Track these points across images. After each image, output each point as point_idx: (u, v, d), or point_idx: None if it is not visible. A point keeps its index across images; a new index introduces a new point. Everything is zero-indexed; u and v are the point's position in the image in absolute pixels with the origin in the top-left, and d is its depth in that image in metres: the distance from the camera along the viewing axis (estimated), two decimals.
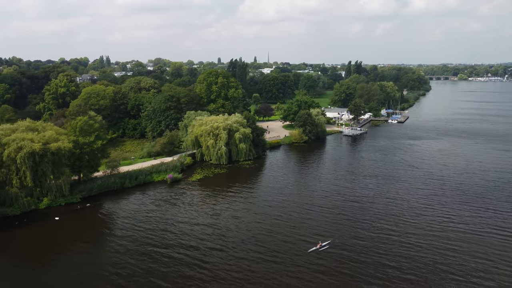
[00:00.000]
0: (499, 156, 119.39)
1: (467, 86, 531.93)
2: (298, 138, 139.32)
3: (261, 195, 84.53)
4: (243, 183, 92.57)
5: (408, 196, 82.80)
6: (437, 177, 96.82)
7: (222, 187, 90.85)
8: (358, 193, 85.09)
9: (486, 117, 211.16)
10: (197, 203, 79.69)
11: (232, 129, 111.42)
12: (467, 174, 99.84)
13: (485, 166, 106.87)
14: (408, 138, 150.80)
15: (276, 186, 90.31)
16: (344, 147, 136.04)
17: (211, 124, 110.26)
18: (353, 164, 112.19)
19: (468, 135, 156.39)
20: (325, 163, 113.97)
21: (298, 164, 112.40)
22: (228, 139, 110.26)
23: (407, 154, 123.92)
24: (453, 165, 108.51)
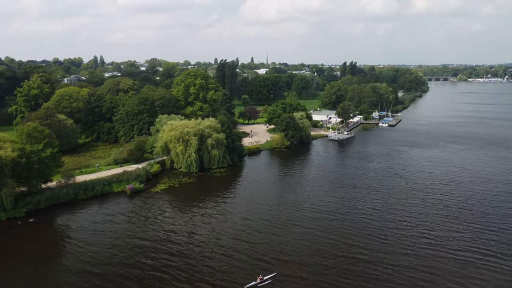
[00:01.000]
0: (490, 164, 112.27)
1: (466, 87, 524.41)
2: (279, 143, 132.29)
3: (226, 208, 77.50)
4: (209, 195, 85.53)
5: (386, 211, 75.67)
6: (421, 188, 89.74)
7: (185, 199, 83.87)
8: (332, 206, 77.99)
9: (481, 120, 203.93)
10: (154, 217, 72.74)
11: (204, 134, 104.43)
12: (454, 184, 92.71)
13: (474, 175, 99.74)
14: (396, 143, 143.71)
15: (244, 198, 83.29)
16: (327, 153, 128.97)
17: (181, 129, 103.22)
18: (333, 172, 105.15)
19: (460, 140, 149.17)
20: (304, 171, 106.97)
21: (274, 173, 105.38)
22: (199, 145, 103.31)
23: (393, 161, 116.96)
24: (440, 174, 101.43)
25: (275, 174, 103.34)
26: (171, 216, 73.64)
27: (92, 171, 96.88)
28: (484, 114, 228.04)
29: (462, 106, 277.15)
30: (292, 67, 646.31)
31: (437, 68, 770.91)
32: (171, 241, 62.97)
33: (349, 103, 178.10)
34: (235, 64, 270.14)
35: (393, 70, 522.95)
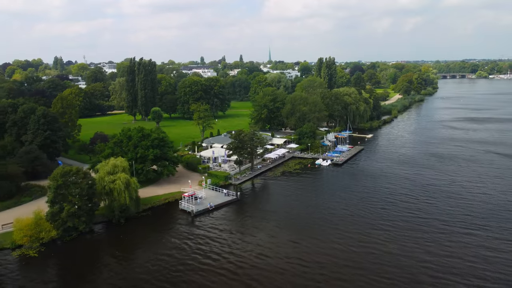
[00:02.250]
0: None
1: (484, 86, 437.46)
2: (28, 239, 60.54)
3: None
4: None
5: None
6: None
7: None
8: None
9: (482, 147, 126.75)
10: None
11: None
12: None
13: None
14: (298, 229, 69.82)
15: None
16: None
17: None
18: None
19: (431, 201, 74.54)
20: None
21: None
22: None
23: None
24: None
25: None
26: None
27: None
28: (483, 136, 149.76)
29: (460, 122, 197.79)
30: (285, 66, 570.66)
31: (454, 63, 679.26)
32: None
33: (253, 131, 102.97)
34: (153, 64, 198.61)
35: (396, 68, 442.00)
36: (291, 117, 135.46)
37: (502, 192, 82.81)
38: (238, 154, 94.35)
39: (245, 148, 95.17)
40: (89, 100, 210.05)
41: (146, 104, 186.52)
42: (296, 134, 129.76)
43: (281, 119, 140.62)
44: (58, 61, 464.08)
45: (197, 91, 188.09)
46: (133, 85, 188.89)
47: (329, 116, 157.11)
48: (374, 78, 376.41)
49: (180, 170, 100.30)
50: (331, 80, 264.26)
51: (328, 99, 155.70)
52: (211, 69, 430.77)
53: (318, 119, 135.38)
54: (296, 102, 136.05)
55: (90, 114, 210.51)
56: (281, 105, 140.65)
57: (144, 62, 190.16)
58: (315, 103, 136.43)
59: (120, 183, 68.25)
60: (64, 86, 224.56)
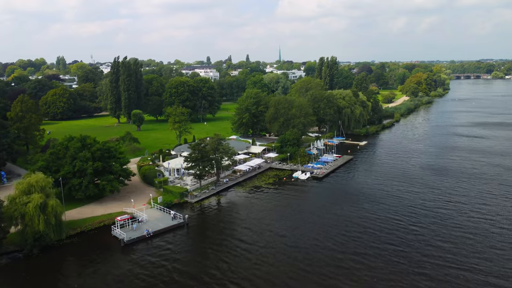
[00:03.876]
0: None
1: (498, 87, 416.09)
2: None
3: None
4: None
5: None
6: None
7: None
8: None
9: (487, 159, 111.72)
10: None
11: None
12: None
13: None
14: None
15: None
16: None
17: None
18: None
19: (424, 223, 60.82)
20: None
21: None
22: None
23: None
24: None
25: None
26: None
27: None
28: (491, 144, 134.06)
29: (468, 127, 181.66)
30: (296, 65, 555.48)
31: (469, 63, 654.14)
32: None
33: (218, 139, 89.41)
34: (139, 64, 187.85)
35: (406, 68, 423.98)
36: (275, 122, 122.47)
37: (507, 218, 68.55)
38: (198, 168, 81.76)
39: (207, 160, 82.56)
40: (74, 102, 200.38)
41: (130, 106, 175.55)
42: (278, 141, 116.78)
43: (264, 125, 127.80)
44: (60, 60, 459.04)
45: (184, 93, 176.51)
46: (116, 86, 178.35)
47: (320, 120, 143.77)
48: (382, 78, 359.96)
49: (136, 184, 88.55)
50: (332, 81, 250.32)
51: (320, 102, 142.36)
52: (214, 69, 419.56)
53: (304, 125, 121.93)
54: (280, 105, 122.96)
55: (75, 116, 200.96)
56: (264, 109, 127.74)
57: (128, 62, 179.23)
58: (301, 107, 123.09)
59: (32, 207, 56.53)
60: (51, 86, 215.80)
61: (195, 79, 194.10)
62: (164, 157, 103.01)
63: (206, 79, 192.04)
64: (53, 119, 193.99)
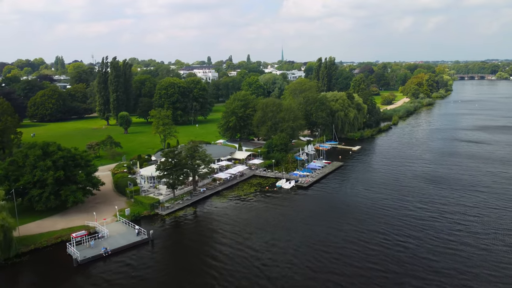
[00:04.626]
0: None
1: (503, 88, 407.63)
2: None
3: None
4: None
5: None
6: None
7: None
8: None
9: (486, 166, 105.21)
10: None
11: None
12: None
13: None
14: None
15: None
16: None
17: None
18: None
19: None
20: None
21: None
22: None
23: None
24: None
25: None
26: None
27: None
28: (490, 149, 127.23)
29: (470, 131, 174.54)
30: (297, 65, 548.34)
31: (473, 64, 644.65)
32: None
33: (195, 145, 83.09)
34: (129, 65, 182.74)
35: (408, 68, 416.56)
36: (262, 126, 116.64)
37: (506, 234, 62.32)
38: (170, 177, 76.08)
39: (180, 169, 76.84)
40: (63, 103, 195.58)
41: (118, 107, 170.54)
42: (265, 146, 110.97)
43: (252, 129, 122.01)
44: (59, 60, 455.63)
45: (174, 94, 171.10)
46: (105, 87, 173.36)
47: (313, 124, 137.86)
48: (383, 79, 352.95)
49: (108, 194, 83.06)
50: (330, 82, 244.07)
51: (312, 104, 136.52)
52: (213, 70, 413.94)
53: (293, 129, 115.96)
54: (268, 108, 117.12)
55: (64, 118, 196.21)
56: (252, 112, 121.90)
57: (117, 62, 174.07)
58: (290, 110, 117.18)
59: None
60: (42, 87, 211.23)
61: (186, 79, 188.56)
62: (142, 163, 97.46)
63: (197, 80, 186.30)
64: (41, 121, 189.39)
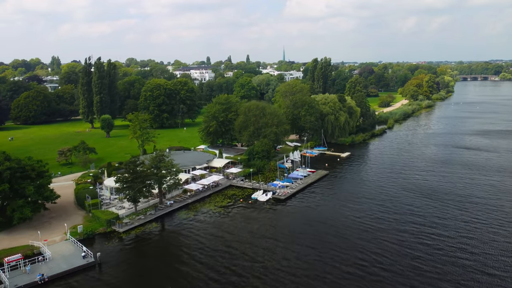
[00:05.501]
0: None
1: (506, 89, 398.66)
2: None
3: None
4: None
5: None
6: None
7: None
8: None
9: (482, 177, 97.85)
10: None
11: None
12: None
13: None
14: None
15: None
16: None
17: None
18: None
19: None
20: None
21: None
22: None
23: None
24: None
25: None
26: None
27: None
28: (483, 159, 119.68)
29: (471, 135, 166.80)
30: (297, 66, 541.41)
31: (476, 64, 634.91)
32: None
33: (161, 154, 76.25)
34: (113, 66, 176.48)
35: (409, 69, 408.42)
36: (244, 131, 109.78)
37: (492, 255, 55.20)
38: (130, 191, 69.32)
39: (141, 181, 70.07)
40: (48, 105, 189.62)
41: (102, 110, 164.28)
42: (246, 153, 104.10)
43: (234, 134, 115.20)
44: (55, 61, 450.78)
45: (159, 96, 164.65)
46: (88, 89, 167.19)
47: (301, 129, 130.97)
48: (383, 80, 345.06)
49: (68, 207, 76.48)
50: (326, 84, 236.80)
51: (300, 108, 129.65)
52: (210, 70, 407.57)
53: (277, 134, 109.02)
54: (251, 113, 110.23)
55: (49, 120, 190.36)
56: (235, 116, 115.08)
57: (101, 63, 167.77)
58: (274, 115, 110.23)
59: None
60: (28, 88, 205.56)
61: (173, 81, 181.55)
62: (111, 172, 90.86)
63: (184, 81, 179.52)
64: (25, 123, 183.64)
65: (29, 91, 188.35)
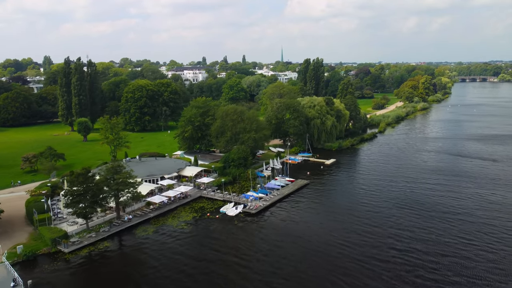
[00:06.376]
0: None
1: (505, 91, 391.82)
2: None
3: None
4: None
5: None
6: None
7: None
8: None
9: (474, 190, 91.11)
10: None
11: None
12: None
13: None
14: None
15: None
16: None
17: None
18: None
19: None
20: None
21: None
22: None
23: None
24: None
25: None
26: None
27: None
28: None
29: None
30: (293, 66, 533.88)
31: (475, 65, 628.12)
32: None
33: (117, 165, 69.47)
34: (94, 65, 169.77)
35: (406, 70, 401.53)
36: (221, 137, 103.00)
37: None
38: (77, 207, 62.52)
39: (92, 195, 63.30)
40: (29, 106, 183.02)
41: (81, 112, 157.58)
42: (221, 161, 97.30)
43: (210, 139, 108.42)
44: (47, 60, 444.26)
45: (141, 98, 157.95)
46: (68, 91, 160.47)
47: (284, 133, 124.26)
48: (379, 81, 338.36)
49: (17, 222, 69.74)
50: (318, 85, 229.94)
51: (284, 111, 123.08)
52: (203, 70, 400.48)
53: (256, 140, 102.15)
54: (228, 117, 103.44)
55: (29, 122, 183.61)
56: (212, 121, 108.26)
57: (80, 63, 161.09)
58: (253, 119, 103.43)
59: None
60: (9, 89, 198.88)
61: (155, 82, 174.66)
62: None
63: (168, 83, 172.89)
64: (3, 126, 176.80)
65: (9, 92, 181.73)
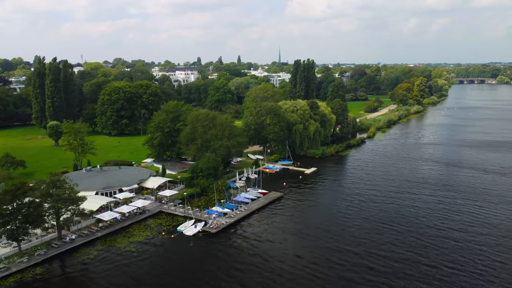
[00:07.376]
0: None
1: (503, 93, 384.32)
2: None
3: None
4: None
5: None
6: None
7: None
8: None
9: (463, 204, 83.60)
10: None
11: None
12: None
13: None
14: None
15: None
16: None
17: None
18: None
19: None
20: None
21: None
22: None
23: None
24: None
25: None
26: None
27: None
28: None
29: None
30: (288, 67, 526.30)
31: (474, 67, 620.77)
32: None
33: (57, 178, 61.83)
34: (70, 66, 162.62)
35: (401, 72, 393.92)
36: (191, 144, 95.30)
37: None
38: (5, 229, 54.83)
39: (26, 215, 55.65)
40: (4, 108, 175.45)
41: (56, 115, 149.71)
42: (189, 171, 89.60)
43: (180, 147, 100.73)
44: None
45: (118, 101, 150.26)
46: (41, 92, 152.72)
47: (264, 140, 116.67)
48: (374, 83, 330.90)
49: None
50: (309, 87, 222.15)
51: (264, 116, 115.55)
52: (196, 71, 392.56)
53: (229, 148, 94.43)
54: (199, 123, 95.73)
55: (3, 125, 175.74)
56: (183, 126, 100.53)
57: (54, 64, 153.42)
58: (226, 126, 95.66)
59: None
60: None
61: (134, 83, 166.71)
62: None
63: (148, 84, 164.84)
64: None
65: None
